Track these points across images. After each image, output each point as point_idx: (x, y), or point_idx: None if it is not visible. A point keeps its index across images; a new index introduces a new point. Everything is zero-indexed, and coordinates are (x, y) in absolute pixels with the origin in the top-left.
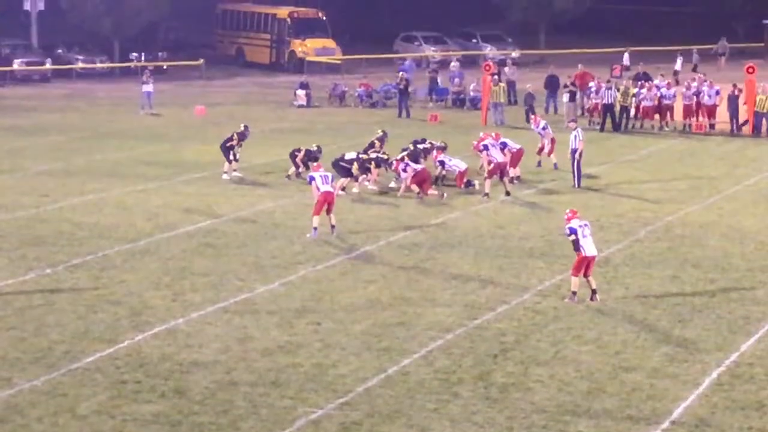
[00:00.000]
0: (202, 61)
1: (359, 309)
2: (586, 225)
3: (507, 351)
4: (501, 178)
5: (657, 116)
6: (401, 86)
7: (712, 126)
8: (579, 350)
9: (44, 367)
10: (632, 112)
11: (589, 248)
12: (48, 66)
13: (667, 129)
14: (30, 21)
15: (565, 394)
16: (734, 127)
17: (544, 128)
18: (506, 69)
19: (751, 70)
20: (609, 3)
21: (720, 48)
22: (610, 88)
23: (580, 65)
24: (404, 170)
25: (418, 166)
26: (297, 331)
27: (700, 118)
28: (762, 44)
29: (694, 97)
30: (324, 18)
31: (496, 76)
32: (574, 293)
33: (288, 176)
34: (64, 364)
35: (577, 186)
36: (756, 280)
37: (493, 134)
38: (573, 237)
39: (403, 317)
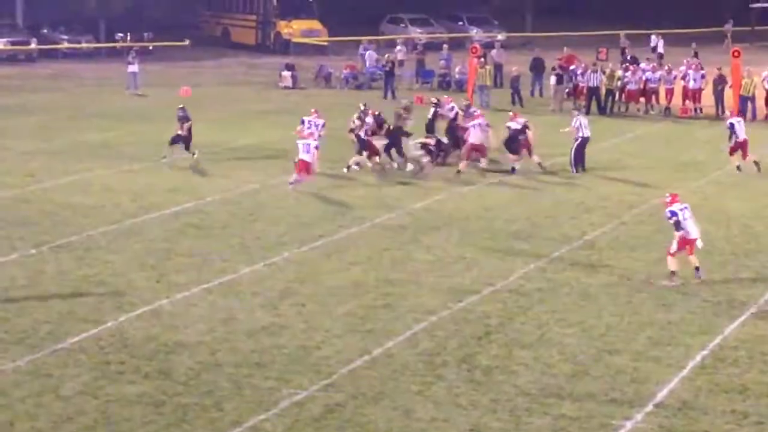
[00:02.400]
0: (187, 41)
1: (343, 291)
2: (686, 208)
3: (491, 333)
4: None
5: (642, 99)
6: (387, 68)
7: (697, 110)
8: (563, 333)
9: (28, 348)
10: (617, 95)
11: (692, 230)
12: (33, 46)
13: (652, 112)
14: (15, 0)
15: (549, 377)
16: (718, 111)
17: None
18: (493, 52)
19: (736, 53)
20: None
21: (727, 30)
22: (596, 71)
23: (566, 48)
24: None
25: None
26: (281, 313)
27: (686, 102)
28: (749, 28)
29: (681, 81)
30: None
31: (482, 59)
32: (673, 272)
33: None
34: (48, 344)
35: (576, 172)
36: (740, 263)
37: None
38: (674, 219)
39: (388, 299)
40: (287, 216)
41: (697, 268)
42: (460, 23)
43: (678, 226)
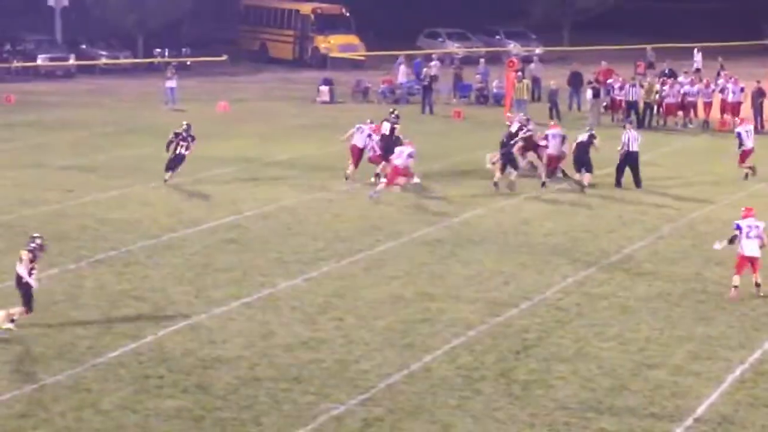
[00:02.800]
0: (225, 57)
1: (382, 305)
2: (757, 227)
3: (529, 348)
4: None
5: (680, 113)
6: (425, 82)
7: (736, 123)
8: (601, 347)
9: (68, 362)
10: (656, 108)
11: (747, 248)
12: (72, 61)
13: (690, 126)
14: (54, 16)
15: (588, 391)
16: (758, 124)
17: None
18: (531, 65)
19: None
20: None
21: None
22: (635, 86)
23: (603, 62)
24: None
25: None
26: (319, 327)
27: (725, 115)
28: None
29: (719, 94)
30: (348, 14)
31: (520, 73)
32: (735, 287)
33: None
34: (88, 359)
35: (638, 186)
36: None
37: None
38: (736, 233)
39: (426, 313)
40: (325, 230)
41: (757, 284)
42: (498, 37)
43: (733, 240)
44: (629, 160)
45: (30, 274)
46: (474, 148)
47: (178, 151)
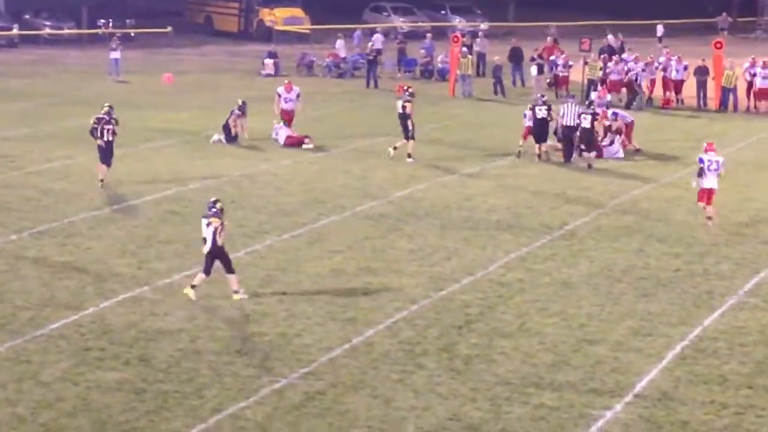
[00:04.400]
0: (170, 28)
1: (324, 279)
2: (717, 161)
3: (471, 323)
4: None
5: (624, 90)
6: (370, 57)
7: (679, 101)
8: (543, 323)
9: (8, 334)
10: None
11: (707, 181)
12: (15, 31)
13: (635, 104)
14: None
15: (529, 366)
16: (700, 102)
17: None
18: (476, 41)
19: (718, 45)
20: None
21: (721, 22)
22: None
23: (549, 38)
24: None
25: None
26: (262, 301)
27: (668, 93)
28: (730, 20)
29: (661, 72)
30: None
31: (465, 48)
32: (709, 218)
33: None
34: (29, 330)
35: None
36: (720, 254)
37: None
38: (700, 166)
39: (369, 288)
40: (269, 204)
41: (709, 218)
42: (443, 12)
43: (700, 172)
44: (565, 132)
45: None
46: (418, 123)
47: (105, 138)
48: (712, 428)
